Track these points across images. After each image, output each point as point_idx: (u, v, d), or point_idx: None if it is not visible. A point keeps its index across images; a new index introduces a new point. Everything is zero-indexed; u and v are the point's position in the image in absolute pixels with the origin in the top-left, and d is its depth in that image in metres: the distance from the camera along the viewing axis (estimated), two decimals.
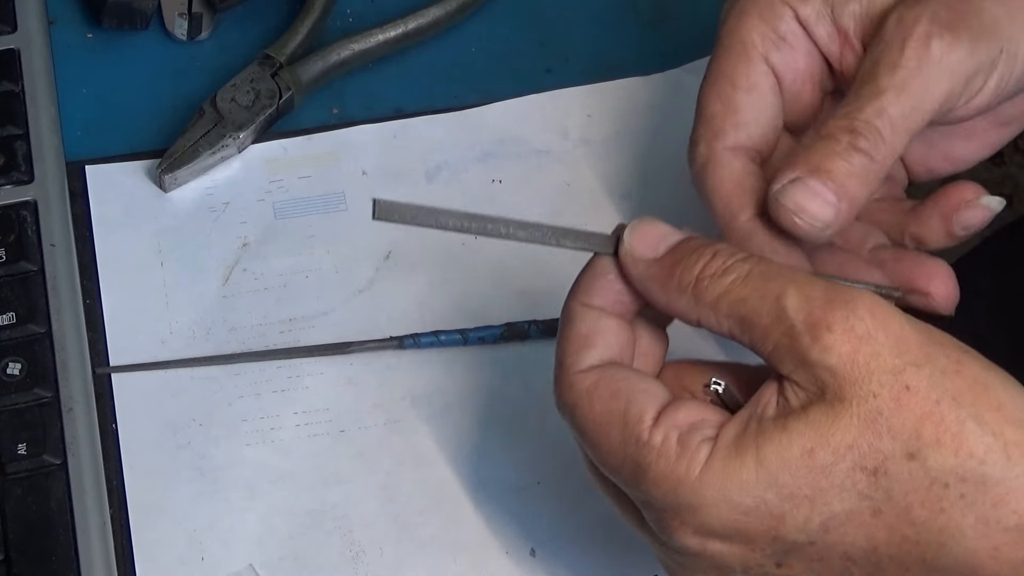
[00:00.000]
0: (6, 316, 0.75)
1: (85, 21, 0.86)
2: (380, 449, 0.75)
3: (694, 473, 0.57)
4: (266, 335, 0.78)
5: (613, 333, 0.62)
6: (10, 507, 0.71)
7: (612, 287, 0.62)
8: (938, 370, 0.56)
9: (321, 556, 0.73)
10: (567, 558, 0.73)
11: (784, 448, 0.57)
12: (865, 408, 0.56)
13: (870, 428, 0.56)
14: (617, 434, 0.59)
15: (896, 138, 0.65)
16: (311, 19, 0.84)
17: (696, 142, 0.70)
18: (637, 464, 0.59)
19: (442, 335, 0.77)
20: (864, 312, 0.57)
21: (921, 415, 0.56)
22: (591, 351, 0.61)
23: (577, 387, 0.61)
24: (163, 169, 0.80)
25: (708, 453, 0.58)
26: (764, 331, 0.58)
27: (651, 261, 0.61)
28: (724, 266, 0.59)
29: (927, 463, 0.56)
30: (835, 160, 0.65)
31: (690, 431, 0.58)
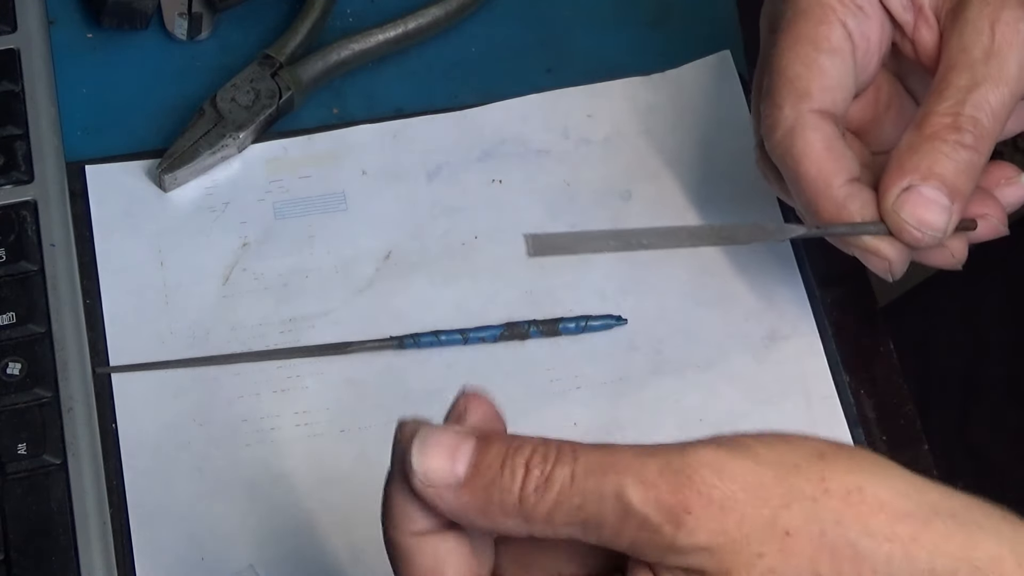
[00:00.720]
0: (6, 316, 0.75)
1: (85, 21, 0.86)
2: (380, 449, 0.75)
3: None
4: (266, 335, 0.78)
5: (456, 556, 0.55)
6: (10, 507, 0.71)
7: (422, 505, 0.55)
8: (808, 500, 0.52)
9: (321, 556, 0.73)
10: None
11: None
12: (756, 573, 0.52)
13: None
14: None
15: (997, 127, 0.65)
16: (311, 19, 0.84)
17: (779, 105, 0.68)
18: None
19: (442, 335, 0.77)
20: (710, 475, 0.52)
21: (812, 555, 0.51)
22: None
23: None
24: (163, 169, 0.80)
25: None
26: (614, 530, 0.52)
27: (457, 488, 0.54)
28: (544, 477, 0.53)
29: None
30: (944, 161, 0.64)
31: None
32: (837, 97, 0.68)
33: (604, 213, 0.81)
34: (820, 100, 0.68)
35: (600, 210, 0.81)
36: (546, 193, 0.82)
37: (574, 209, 0.81)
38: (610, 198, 0.82)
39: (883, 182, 0.65)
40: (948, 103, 0.65)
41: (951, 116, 0.64)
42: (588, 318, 0.78)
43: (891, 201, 0.64)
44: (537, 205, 0.81)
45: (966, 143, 0.64)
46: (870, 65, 0.70)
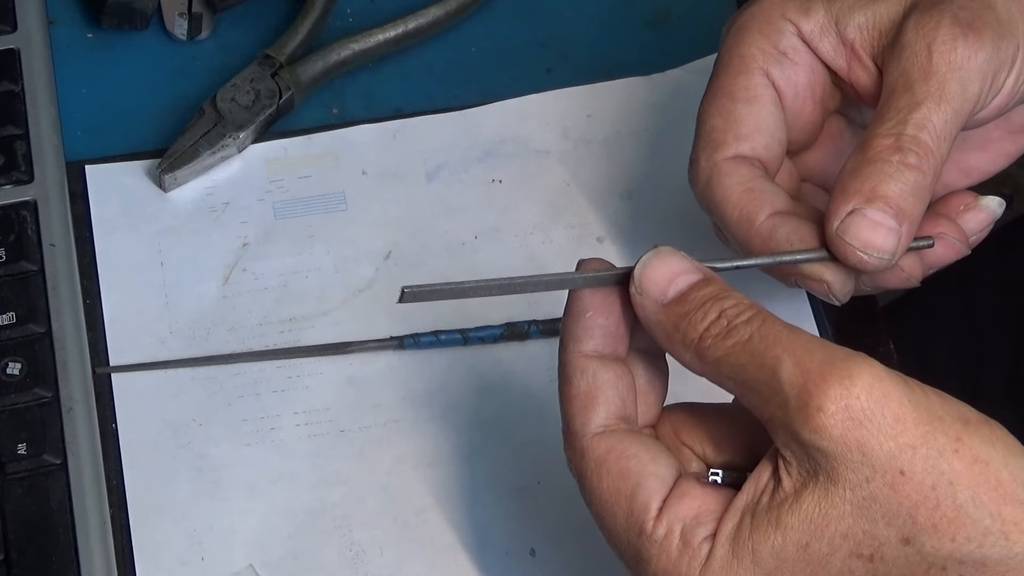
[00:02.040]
0: (6, 316, 0.75)
1: (85, 21, 0.86)
2: (380, 449, 0.75)
3: (694, 574, 0.57)
4: (266, 335, 0.78)
5: (613, 386, 0.61)
6: (10, 507, 0.71)
7: (598, 325, 0.61)
8: (935, 451, 0.55)
9: (321, 556, 0.73)
10: (567, 558, 0.73)
11: (779, 547, 0.56)
12: (859, 494, 0.55)
13: (864, 515, 0.55)
14: (622, 518, 0.59)
15: (942, 147, 0.65)
16: (311, 19, 0.84)
17: (696, 159, 0.69)
18: (639, 554, 0.59)
19: (442, 335, 0.77)
20: (861, 390, 0.55)
21: (916, 501, 0.55)
22: (597, 410, 0.61)
23: (588, 456, 0.60)
24: (163, 169, 0.80)
25: (708, 552, 0.57)
26: (761, 401, 0.57)
27: (659, 306, 0.60)
28: (727, 327, 0.58)
29: (923, 549, 0.55)
30: (889, 183, 0.64)
31: (693, 526, 0.58)
32: (759, 143, 0.69)
33: (604, 213, 0.81)
34: (736, 148, 0.69)
35: (600, 210, 0.81)
36: (546, 193, 0.82)
37: (574, 209, 0.81)
38: (610, 198, 0.82)
39: (827, 209, 0.65)
40: (889, 124, 0.65)
41: (893, 137, 0.64)
42: None
43: (835, 226, 0.64)
44: (537, 205, 0.82)
45: (910, 163, 0.64)
46: (805, 111, 0.71)
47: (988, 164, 0.73)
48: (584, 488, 0.61)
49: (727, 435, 0.62)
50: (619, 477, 0.59)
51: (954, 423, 0.55)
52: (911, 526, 0.55)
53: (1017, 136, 0.72)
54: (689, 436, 0.62)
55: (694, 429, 0.62)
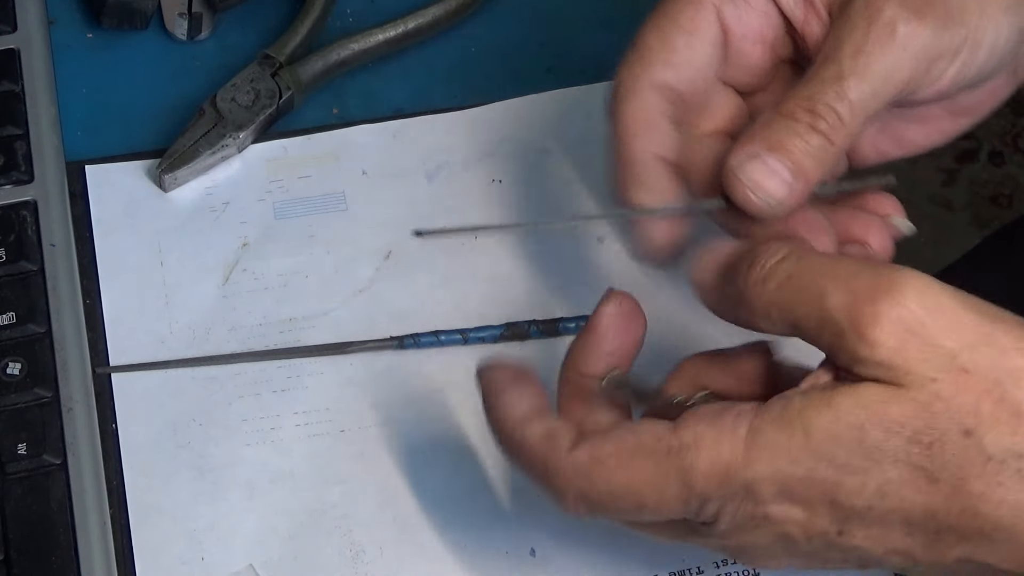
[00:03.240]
0: (6, 316, 0.75)
1: (85, 21, 0.86)
2: (380, 449, 0.75)
3: (739, 450, 0.57)
4: (266, 335, 0.78)
5: (561, 423, 0.62)
6: (10, 507, 0.71)
7: (519, 396, 0.63)
8: (997, 350, 0.56)
9: (321, 556, 0.73)
10: (567, 558, 0.73)
11: (831, 422, 0.56)
12: (924, 393, 0.56)
13: (927, 410, 0.56)
14: (647, 462, 0.59)
15: (855, 121, 0.65)
16: (311, 19, 0.84)
17: (620, 72, 0.69)
18: (683, 471, 0.58)
19: (442, 335, 0.77)
20: (911, 299, 0.56)
21: (980, 393, 0.56)
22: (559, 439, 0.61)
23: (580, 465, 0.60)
24: (163, 169, 0.80)
25: (747, 427, 0.57)
26: (816, 332, 0.58)
27: (710, 289, 0.61)
28: (764, 273, 0.59)
29: (983, 441, 0.56)
30: (794, 139, 0.64)
31: (716, 416, 0.58)
32: (685, 76, 0.68)
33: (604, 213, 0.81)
34: (663, 74, 0.68)
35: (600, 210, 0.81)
36: (546, 193, 0.82)
37: (574, 209, 0.81)
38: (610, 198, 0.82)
39: (730, 152, 0.65)
40: (810, 90, 0.65)
41: (809, 101, 0.65)
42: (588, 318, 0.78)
43: (733, 163, 0.64)
44: (537, 205, 0.82)
45: (819, 128, 0.64)
46: (753, 55, 0.70)
47: (924, 139, 0.73)
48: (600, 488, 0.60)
49: (747, 372, 0.63)
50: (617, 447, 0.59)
51: (1015, 326, 0.57)
52: (973, 418, 0.55)
53: (958, 118, 0.72)
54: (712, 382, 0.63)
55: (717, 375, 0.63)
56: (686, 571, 0.73)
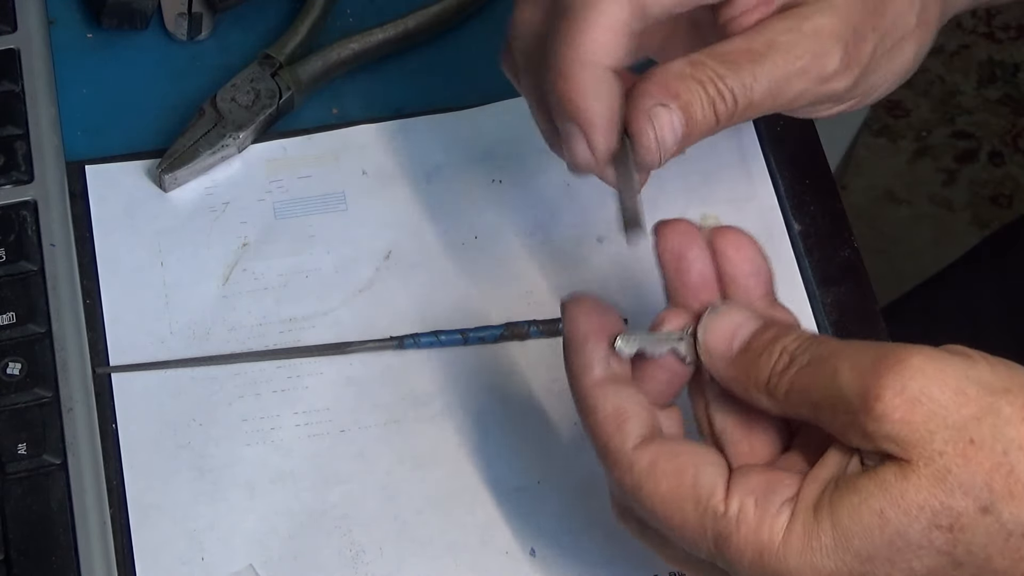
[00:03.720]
0: (6, 316, 0.75)
1: (85, 21, 0.86)
2: (380, 449, 0.75)
3: (777, 539, 0.58)
4: (266, 335, 0.78)
5: (636, 401, 0.62)
6: (10, 507, 0.71)
7: (601, 350, 0.63)
8: (1002, 420, 0.56)
9: (321, 556, 0.73)
10: (567, 558, 0.73)
11: (855, 510, 0.57)
12: (933, 468, 0.56)
13: (940, 486, 0.56)
14: (691, 509, 0.59)
15: (744, 115, 0.66)
16: (311, 19, 0.84)
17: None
18: (718, 536, 0.59)
19: (442, 335, 0.77)
20: (915, 371, 0.56)
21: (990, 468, 0.55)
22: (630, 424, 0.61)
23: (637, 467, 0.61)
24: (163, 169, 0.80)
25: (789, 517, 0.58)
26: (831, 413, 0.58)
27: (728, 363, 0.61)
28: (788, 360, 0.60)
29: (1002, 517, 0.56)
30: (696, 107, 0.65)
31: (766, 494, 0.59)
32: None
33: (604, 213, 0.81)
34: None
35: (600, 210, 0.81)
36: (546, 193, 0.82)
37: (574, 209, 0.81)
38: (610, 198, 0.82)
39: (644, 92, 0.66)
40: (725, 66, 0.66)
41: (721, 79, 0.65)
42: None
43: (650, 105, 0.65)
44: (537, 205, 0.82)
45: (718, 110, 0.66)
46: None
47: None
48: (642, 498, 0.60)
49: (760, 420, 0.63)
50: (675, 475, 0.60)
51: (1020, 393, 0.56)
52: (988, 494, 0.55)
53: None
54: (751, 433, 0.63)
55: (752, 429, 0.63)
56: None
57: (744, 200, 0.82)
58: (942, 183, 1.86)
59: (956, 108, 1.91)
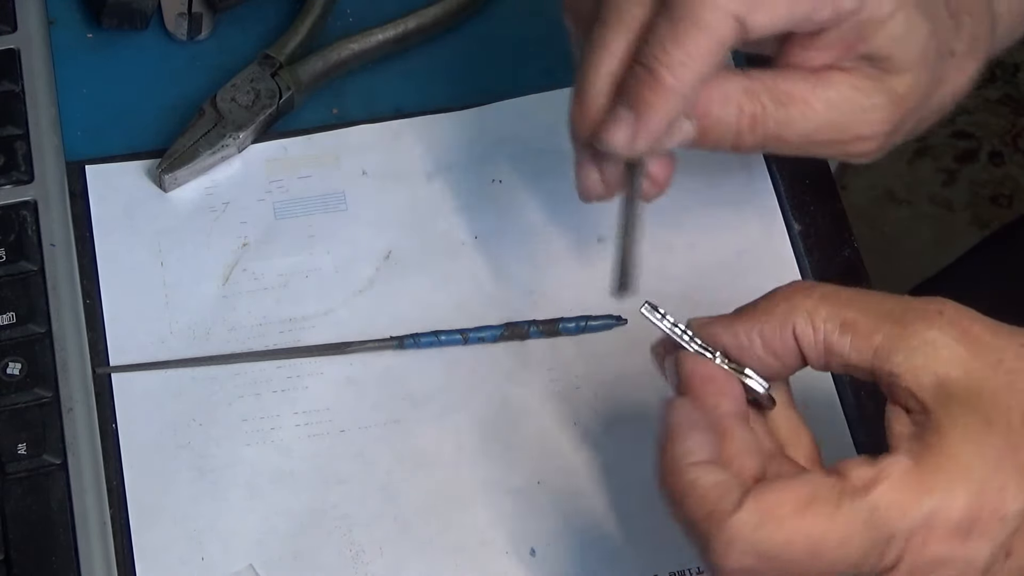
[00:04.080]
0: (6, 316, 0.75)
1: (85, 21, 0.86)
2: (380, 449, 0.75)
3: (914, 479, 0.58)
4: (266, 335, 0.78)
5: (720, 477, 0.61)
6: (10, 507, 0.71)
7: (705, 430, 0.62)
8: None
9: (321, 556, 0.73)
10: (567, 558, 0.73)
11: (966, 427, 0.59)
12: (999, 375, 0.60)
13: (1011, 389, 0.59)
14: (825, 507, 0.58)
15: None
16: (311, 19, 0.84)
17: None
18: (863, 510, 0.58)
19: (442, 335, 0.77)
20: (953, 306, 0.62)
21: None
22: (731, 492, 0.59)
23: (748, 517, 0.58)
24: (163, 169, 0.80)
25: (909, 461, 0.59)
26: (869, 331, 0.61)
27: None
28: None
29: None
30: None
31: (871, 459, 0.59)
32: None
33: (604, 213, 0.81)
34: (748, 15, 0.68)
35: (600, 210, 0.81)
36: (546, 193, 0.82)
37: (574, 209, 0.81)
38: None
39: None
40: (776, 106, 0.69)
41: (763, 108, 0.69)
42: (588, 318, 0.78)
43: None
44: (537, 205, 0.81)
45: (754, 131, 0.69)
46: None
47: None
48: (779, 541, 0.58)
49: None
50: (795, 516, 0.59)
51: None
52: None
53: None
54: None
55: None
56: (686, 571, 0.73)
57: (744, 200, 0.82)
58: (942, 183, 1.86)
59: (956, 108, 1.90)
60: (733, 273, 0.79)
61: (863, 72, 0.69)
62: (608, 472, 0.75)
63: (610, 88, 0.68)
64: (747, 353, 0.64)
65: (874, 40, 0.68)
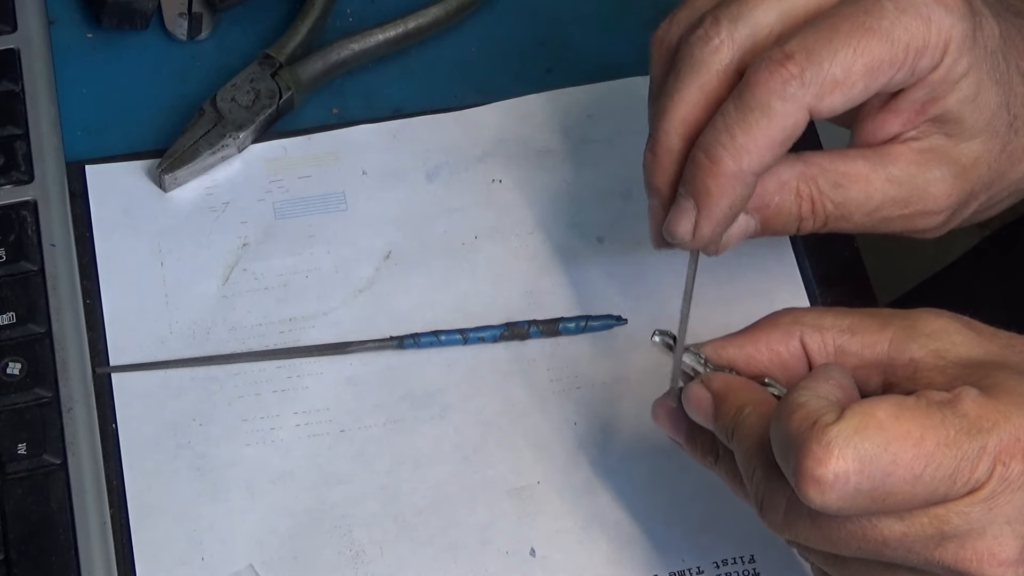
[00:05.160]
0: (6, 316, 0.75)
1: (85, 21, 0.86)
2: (380, 449, 0.75)
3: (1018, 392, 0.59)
4: (266, 335, 0.78)
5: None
6: (10, 507, 0.71)
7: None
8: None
9: (321, 556, 0.73)
10: (567, 558, 0.73)
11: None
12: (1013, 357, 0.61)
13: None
14: (918, 409, 0.58)
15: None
16: (311, 19, 0.84)
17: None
18: (958, 416, 0.58)
19: (442, 335, 0.77)
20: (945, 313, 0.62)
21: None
22: (832, 408, 0.59)
23: (849, 424, 0.58)
24: (163, 169, 0.80)
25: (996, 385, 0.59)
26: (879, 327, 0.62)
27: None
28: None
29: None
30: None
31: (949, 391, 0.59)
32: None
33: (604, 213, 0.81)
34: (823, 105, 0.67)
35: (600, 210, 0.81)
36: (546, 193, 0.82)
37: (574, 209, 0.81)
38: (610, 198, 0.82)
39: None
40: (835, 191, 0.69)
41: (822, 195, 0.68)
42: (588, 318, 0.78)
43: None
44: (537, 205, 0.82)
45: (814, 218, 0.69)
46: None
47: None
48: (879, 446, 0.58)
49: None
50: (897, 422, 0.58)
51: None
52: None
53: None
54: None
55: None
56: (686, 571, 0.73)
57: None
58: None
59: None
60: (733, 273, 0.79)
61: (928, 143, 0.68)
62: (608, 472, 0.75)
63: (684, 133, 0.67)
64: (756, 367, 0.64)
65: (946, 101, 0.66)
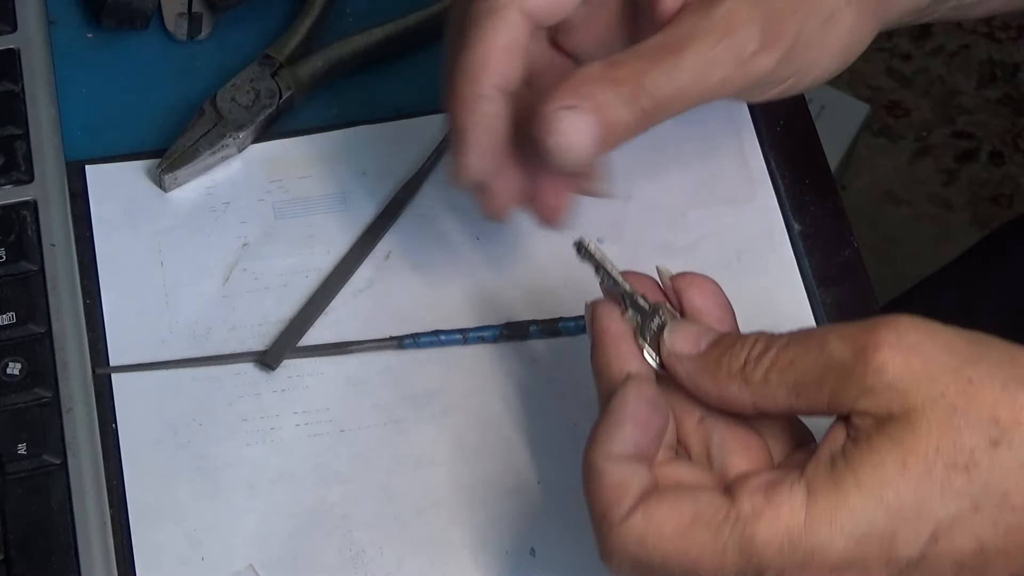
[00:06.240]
0: (6, 316, 0.75)
1: (85, 21, 0.86)
2: (380, 449, 0.75)
3: (800, 517, 0.57)
4: (266, 335, 0.78)
5: (640, 480, 0.60)
6: (10, 507, 0.71)
7: (633, 438, 0.61)
8: (994, 362, 0.57)
9: (321, 556, 0.73)
10: (567, 558, 0.73)
11: (879, 466, 0.57)
12: (938, 409, 0.57)
13: (948, 427, 0.56)
14: (705, 533, 0.58)
15: (667, 112, 0.67)
16: (311, 19, 0.84)
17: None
18: (741, 541, 0.58)
19: (442, 335, 0.77)
20: (907, 328, 0.58)
21: (993, 402, 0.56)
22: (627, 496, 0.60)
23: (634, 528, 0.59)
24: (163, 169, 0.80)
25: (805, 494, 0.58)
26: (817, 383, 0.59)
27: (696, 357, 0.62)
28: (766, 346, 0.60)
29: (1012, 446, 0.56)
30: (617, 108, 0.65)
31: (773, 486, 0.58)
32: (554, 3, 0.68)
33: (604, 213, 0.81)
34: (534, 4, 0.67)
35: (600, 210, 0.81)
36: None
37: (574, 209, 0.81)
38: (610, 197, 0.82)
39: (554, 92, 0.65)
40: (643, 64, 0.66)
41: (638, 78, 0.65)
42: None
43: (554, 106, 0.65)
44: None
45: (641, 105, 0.66)
46: None
47: None
48: (654, 553, 0.59)
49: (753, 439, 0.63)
50: (673, 512, 0.59)
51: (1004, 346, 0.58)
52: (995, 427, 0.56)
53: None
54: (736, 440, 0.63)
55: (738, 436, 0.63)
56: None
57: (744, 200, 0.82)
58: (942, 183, 1.86)
59: (956, 108, 1.91)
60: (733, 273, 0.79)
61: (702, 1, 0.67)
62: None
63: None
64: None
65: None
